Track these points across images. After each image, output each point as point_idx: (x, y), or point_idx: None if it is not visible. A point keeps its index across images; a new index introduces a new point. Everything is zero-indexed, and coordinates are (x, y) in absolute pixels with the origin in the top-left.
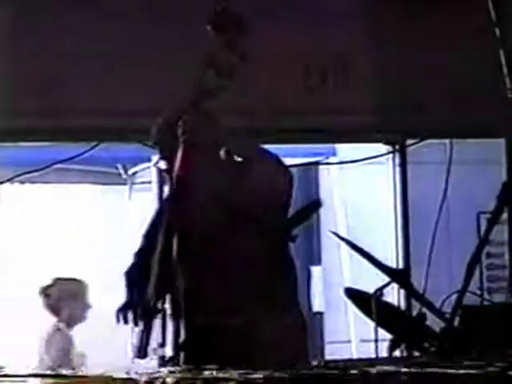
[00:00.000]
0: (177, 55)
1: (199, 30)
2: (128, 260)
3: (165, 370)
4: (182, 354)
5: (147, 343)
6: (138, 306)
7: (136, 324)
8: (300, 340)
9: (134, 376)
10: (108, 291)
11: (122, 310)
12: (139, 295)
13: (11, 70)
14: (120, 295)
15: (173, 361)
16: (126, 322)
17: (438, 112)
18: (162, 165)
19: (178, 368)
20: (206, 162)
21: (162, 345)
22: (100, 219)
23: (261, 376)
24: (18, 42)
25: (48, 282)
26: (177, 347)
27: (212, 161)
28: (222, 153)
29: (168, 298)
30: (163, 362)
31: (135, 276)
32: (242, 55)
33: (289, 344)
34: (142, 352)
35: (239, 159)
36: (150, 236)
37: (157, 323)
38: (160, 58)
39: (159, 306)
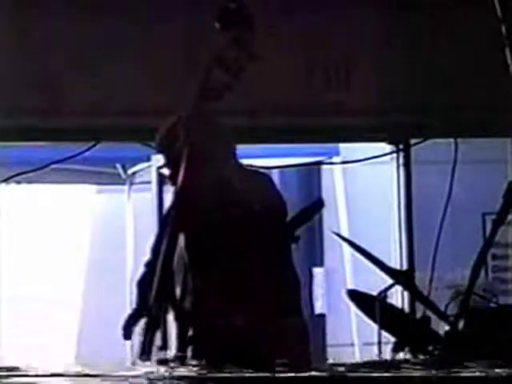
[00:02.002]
0: (176, 55)
1: (198, 29)
2: (127, 260)
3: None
4: (186, 355)
5: (151, 345)
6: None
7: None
8: (300, 348)
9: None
10: (107, 290)
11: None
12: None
13: (10, 70)
14: (119, 295)
15: (177, 361)
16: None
17: (442, 111)
18: (166, 171)
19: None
20: (209, 166)
21: (163, 348)
22: (99, 219)
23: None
24: (18, 43)
25: None
26: (181, 348)
27: (213, 164)
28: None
29: (171, 300)
30: (165, 363)
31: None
32: (250, 54)
33: (288, 350)
34: (145, 353)
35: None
36: (157, 247)
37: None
38: (159, 58)
39: (162, 308)
